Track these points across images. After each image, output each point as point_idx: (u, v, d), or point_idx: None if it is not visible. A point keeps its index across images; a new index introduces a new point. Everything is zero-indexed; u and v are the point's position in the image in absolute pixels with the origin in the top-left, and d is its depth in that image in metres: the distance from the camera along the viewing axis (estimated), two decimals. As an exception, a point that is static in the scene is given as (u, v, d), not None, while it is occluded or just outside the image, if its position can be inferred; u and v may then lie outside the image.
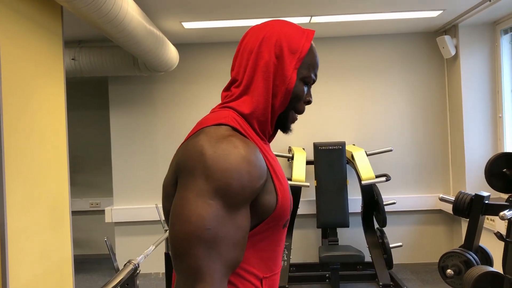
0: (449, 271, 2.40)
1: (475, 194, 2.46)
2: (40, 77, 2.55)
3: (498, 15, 4.16)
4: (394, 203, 4.40)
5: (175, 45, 4.37)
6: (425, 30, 4.78)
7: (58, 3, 2.59)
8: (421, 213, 4.89)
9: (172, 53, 4.14)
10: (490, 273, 2.15)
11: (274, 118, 1.08)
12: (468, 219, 2.50)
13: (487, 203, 2.45)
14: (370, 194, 4.34)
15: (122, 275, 1.92)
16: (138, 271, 2.07)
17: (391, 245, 4.25)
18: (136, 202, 4.88)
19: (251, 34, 1.11)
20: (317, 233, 4.81)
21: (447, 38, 4.45)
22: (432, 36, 4.81)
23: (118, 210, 4.88)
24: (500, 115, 4.38)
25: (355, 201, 4.61)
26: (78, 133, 5.18)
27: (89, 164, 5.60)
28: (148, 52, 3.61)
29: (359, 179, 4.26)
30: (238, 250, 0.93)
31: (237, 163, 0.92)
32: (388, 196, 4.56)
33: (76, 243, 4.41)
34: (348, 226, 4.46)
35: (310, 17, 4.07)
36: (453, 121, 4.76)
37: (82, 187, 5.55)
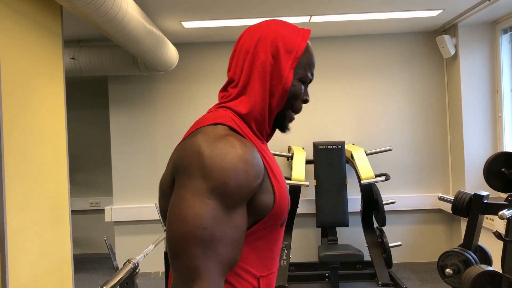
0: (448, 270, 2.41)
1: (474, 193, 2.47)
2: (40, 77, 2.55)
3: (497, 14, 4.16)
4: (393, 203, 4.40)
5: (175, 44, 4.38)
6: (424, 29, 4.78)
7: (57, 3, 2.60)
8: (421, 212, 4.89)
9: (171, 52, 4.14)
10: (488, 272, 2.16)
11: (271, 117, 1.09)
12: (467, 219, 2.50)
13: (486, 203, 2.46)
14: (370, 193, 4.35)
15: (121, 274, 1.92)
16: (137, 270, 2.08)
17: (390, 245, 4.26)
18: (135, 202, 4.89)
19: (247, 34, 1.11)
20: (316, 233, 4.81)
21: (446, 37, 4.46)
22: (431, 36, 4.81)
23: (117, 209, 4.88)
24: (500, 115, 4.39)
25: (354, 201, 4.62)
26: (78, 133, 5.18)
27: (89, 164, 5.60)
28: (147, 52, 3.61)
29: (359, 179, 4.27)
30: (235, 249, 0.93)
31: (234, 162, 0.92)
32: (388, 195, 4.57)
33: (76, 242, 4.40)
34: (347, 226, 4.46)
35: (309, 17, 4.07)
36: (453, 121, 4.76)
37: (82, 187, 5.55)
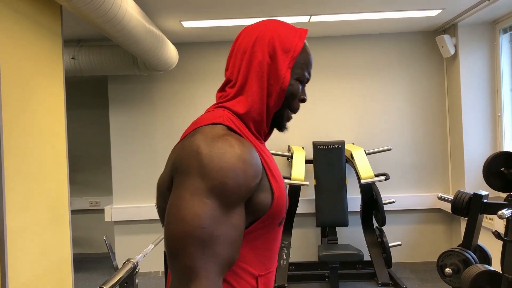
0: (448, 270, 2.41)
1: (474, 193, 2.47)
2: (40, 76, 2.56)
3: (497, 14, 4.16)
4: (393, 202, 4.40)
5: (175, 44, 4.38)
6: (424, 29, 4.78)
7: (57, 2, 2.60)
8: (420, 212, 4.89)
9: (171, 52, 4.14)
10: (487, 272, 2.16)
11: (269, 117, 1.09)
12: (467, 218, 2.51)
13: (486, 202, 2.46)
14: (369, 193, 4.35)
15: (121, 274, 1.93)
16: (137, 270, 2.08)
17: (390, 244, 4.26)
18: (135, 201, 4.89)
19: (245, 34, 1.11)
20: (316, 232, 4.81)
21: (446, 37, 4.46)
22: (431, 35, 4.81)
23: (117, 209, 4.89)
24: (499, 114, 4.39)
25: (354, 200, 4.62)
26: (77, 132, 5.18)
27: (89, 163, 5.60)
28: (147, 51, 3.61)
29: (358, 178, 4.27)
30: (233, 248, 0.93)
31: (233, 162, 0.93)
32: (387, 195, 4.57)
33: (76, 242, 4.41)
34: (347, 225, 4.46)
35: (309, 16, 4.07)
36: (452, 120, 4.76)
37: (82, 186, 5.56)
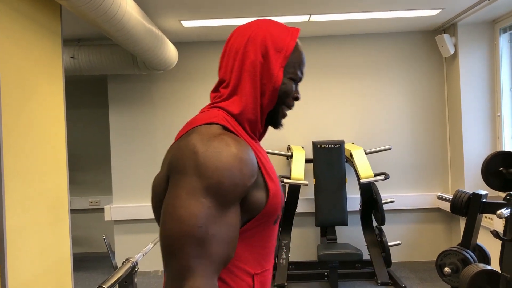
0: (447, 269, 2.42)
1: (473, 192, 2.48)
2: (39, 76, 2.56)
3: (497, 13, 4.16)
4: (392, 202, 4.41)
5: (174, 43, 4.37)
6: (424, 28, 4.78)
7: (57, 2, 2.60)
8: (420, 211, 4.90)
9: (171, 51, 4.14)
10: (486, 271, 2.16)
11: (263, 116, 1.10)
12: (466, 218, 2.51)
13: (485, 202, 2.46)
14: (369, 192, 4.35)
15: (120, 273, 1.93)
16: (136, 269, 2.08)
17: (389, 243, 4.27)
18: (135, 200, 4.89)
19: (237, 34, 1.12)
20: (316, 231, 4.81)
21: (446, 36, 4.46)
22: (431, 35, 4.81)
23: (117, 208, 4.89)
24: (499, 114, 4.39)
25: (353, 200, 4.62)
26: (77, 132, 5.19)
27: (89, 163, 5.60)
28: (147, 51, 3.61)
29: (358, 178, 4.27)
30: (229, 247, 0.94)
31: (229, 161, 0.93)
32: (387, 194, 4.57)
33: (76, 241, 4.41)
34: (346, 225, 4.47)
35: (309, 16, 4.07)
36: (452, 120, 4.77)
37: (82, 185, 5.56)
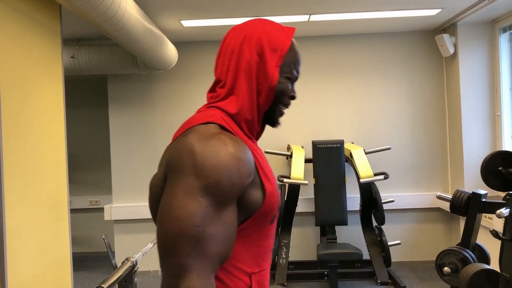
0: (446, 269, 2.42)
1: (472, 192, 2.48)
2: (39, 75, 2.56)
3: (496, 13, 4.16)
4: (392, 201, 4.41)
5: (174, 43, 4.37)
6: (424, 28, 4.78)
7: (56, 2, 2.60)
8: (420, 211, 4.90)
9: (171, 51, 4.14)
10: (485, 270, 2.16)
11: (260, 115, 1.10)
12: (466, 217, 2.51)
13: (484, 201, 2.47)
14: (369, 192, 4.35)
15: (120, 273, 1.93)
16: (136, 269, 2.09)
17: (389, 243, 4.27)
18: (135, 200, 4.89)
19: (233, 34, 1.12)
20: (315, 231, 4.82)
21: (445, 36, 4.46)
22: (430, 35, 4.81)
23: (117, 208, 4.89)
24: (499, 114, 4.39)
25: (353, 199, 4.62)
26: (77, 131, 5.18)
27: (89, 162, 5.60)
28: (146, 51, 3.62)
29: (358, 177, 4.27)
30: (226, 246, 0.94)
31: (227, 160, 0.93)
32: (387, 194, 4.56)
33: (76, 241, 4.41)
34: (346, 224, 4.47)
35: (309, 15, 4.07)
36: (452, 119, 4.77)
37: (82, 185, 5.56)
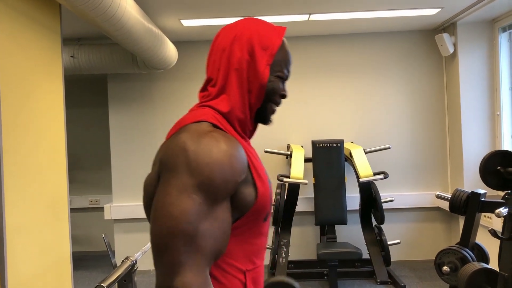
0: (445, 268, 2.42)
1: (472, 191, 2.48)
2: (39, 75, 2.56)
3: (496, 13, 4.17)
4: (392, 201, 4.41)
5: (174, 42, 4.37)
6: (423, 28, 4.78)
7: (56, 1, 2.60)
8: (419, 210, 4.90)
9: (170, 50, 4.15)
10: (484, 270, 2.17)
11: (252, 113, 1.11)
12: (465, 217, 2.52)
13: (484, 201, 2.47)
14: (368, 191, 4.35)
15: (119, 272, 1.94)
16: (135, 268, 2.09)
17: (389, 242, 4.27)
18: (135, 199, 4.90)
19: (224, 33, 1.13)
20: (315, 230, 4.82)
21: (445, 36, 4.46)
22: (430, 34, 4.81)
23: (117, 207, 4.90)
24: (498, 113, 4.39)
25: (353, 199, 4.63)
26: (77, 131, 5.19)
27: (89, 161, 5.61)
28: (146, 50, 3.62)
29: (357, 177, 4.27)
30: (220, 242, 0.95)
31: (220, 157, 0.94)
32: (386, 193, 4.57)
33: (76, 240, 4.42)
34: (346, 223, 4.47)
35: (308, 15, 4.08)
36: (451, 119, 4.77)
37: (82, 184, 5.56)
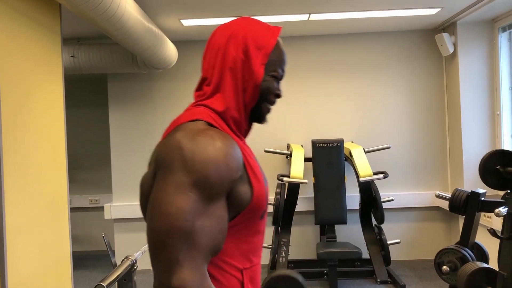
0: (445, 268, 2.43)
1: (471, 191, 2.48)
2: (39, 75, 2.56)
3: (496, 12, 4.17)
4: (392, 200, 4.41)
5: (174, 42, 4.37)
6: (423, 27, 4.78)
7: (56, 1, 2.60)
8: (419, 210, 4.90)
9: (170, 50, 4.15)
10: (483, 269, 2.17)
11: (247, 112, 1.11)
12: (464, 216, 2.52)
13: (483, 200, 2.47)
14: (368, 191, 4.36)
15: (119, 271, 1.94)
16: (135, 267, 2.09)
17: (388, 242, 4.27)
18: (135, 199, 4.88)
19: (219, 32, 1.13)
20: (315, 230, 4.82)
21: (445, 35, 4.46)
22: (430, 34, 4.81)
23: (117, 206, 4.90)
24: (498, 113, 4.39)
25: (353, 198, 4.63)
26: (77, 130, 5.18)
27: (89, 161, 5.61)
28: (146, 50, 3.62)
29: (357, 176, 4.28)
30: (217, 238, 0.95)
31: (215, 155, 0.95)
32: (386, 193, 4.57)
33: (76, 240, 4.42)
34: (346, 223, 4.47)
35: (308, 15, 4.08)
36: (451, 119, 4.77)
37: (82, 184, 5.57)
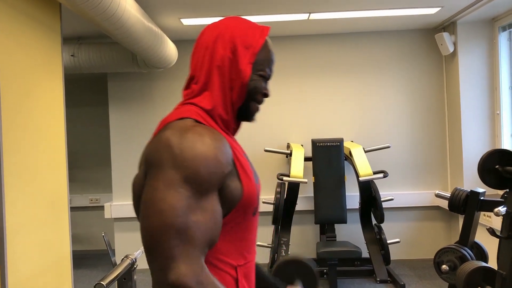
0: (444, 267, 2.43)
1: (471, 190, 2.49)
2: (39, 74, 2.57)
3: (496, 12, 4.17)
4: (391, 200, 4.41)
5: (174, 41, 4.38)
6: (423, 27, 4.78)
7: (56, 0, 2.61)
8: (419, 209, 4.91)
9: (171, 49, 4.15)
10: (482, 268, 2.18)
11: (234, 111, 1.11)
12: (464, 215, 2.52)
13: (483, 200, 2.48)
14: (368, 190, 4.36)
15: (119, 270, 1.94)
16: (135, 266, 2.10)
17: (388, 241, 4.28)
18: (135, 198, 4.90)
19: (207, 31, 1.14)
20: (315, 229, 4.83)
21: (445, 35, 4.46)
22: (430, 33, 4.81)
23: (117, 206, 4.90)
24: (498, 112, 4.39)
25: (353, 197, 4.63)
26: (77, 130, 5.19)
27: (89, 161, 5.62)
28: (146, 49, 3.62)
29: (357, 176, 4.28)
30: (211, 232, 0.95)
31: (204, 150, 0.95)
32: (386, 192, 4.57)
33: (76, 239, 4.42)
34: (346, 222, 4.48)
35: (308, 14, 4.08)
36: (451, 118, 4.77)
37: (82, 183, 5.57)
